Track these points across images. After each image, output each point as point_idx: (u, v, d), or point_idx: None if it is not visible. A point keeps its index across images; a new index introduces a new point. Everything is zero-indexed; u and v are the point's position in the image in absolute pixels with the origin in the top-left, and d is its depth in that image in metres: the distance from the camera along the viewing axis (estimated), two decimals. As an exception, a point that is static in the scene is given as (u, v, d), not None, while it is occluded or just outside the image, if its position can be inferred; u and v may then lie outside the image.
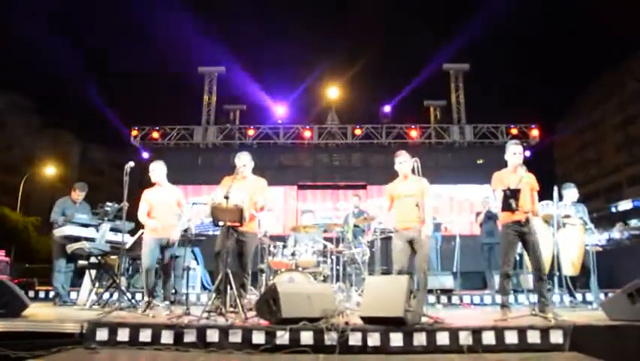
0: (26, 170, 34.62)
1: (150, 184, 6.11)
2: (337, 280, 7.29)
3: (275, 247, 6.94)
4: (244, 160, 5.70)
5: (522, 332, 4.06)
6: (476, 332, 4.05)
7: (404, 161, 5.62)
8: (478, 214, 9.40)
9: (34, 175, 36.30)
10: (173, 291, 8.08)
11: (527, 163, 5.38)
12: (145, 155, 15.50)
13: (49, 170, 37.87)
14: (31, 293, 8.79)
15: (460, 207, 14.42)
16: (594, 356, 3.72)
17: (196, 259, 9.35)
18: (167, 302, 5.91)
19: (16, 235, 25.06)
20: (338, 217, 9.81)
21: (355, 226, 8.15)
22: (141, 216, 5.95)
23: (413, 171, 5.31)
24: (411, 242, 5.40)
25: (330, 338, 3.99)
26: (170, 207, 6.01)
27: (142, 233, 6.31)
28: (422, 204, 5.41)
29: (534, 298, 5.33)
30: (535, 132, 15.24)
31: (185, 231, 7.24)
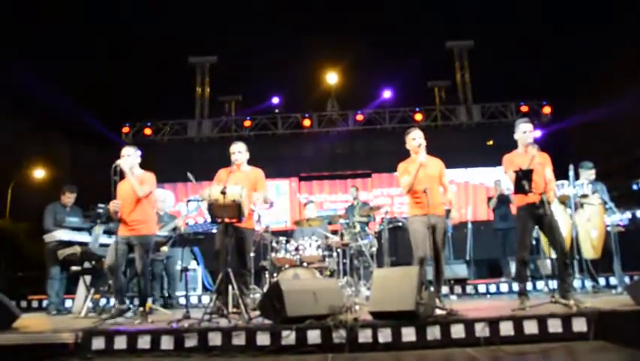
0: (15, 174, 34.45)
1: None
2: (344, 274, 7.26)
3: (277, 242, 6.90)
4: (239, 147, 5.79)
5: (542, 321, 4.02)
6: (493, 323, 4.01)
7: (418, 137, 5.42)
8: (490, 198, 9.37)
9: (24, 179, 36.19)
10: (167, 295, 8.03)
11: (540, 143, 5.31)
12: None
13: (39, 173, 37.76)
14: (24, 303, 8.78)
15: (476, 191, 14.35)
16: (622, 345, 3.67)
17: (196, 259, 9.34)
18: (140, 308, 5.22)
19: (5, 243, 24.97)
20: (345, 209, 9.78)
21: (362, 216, 8.12)
22: None
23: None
24: (432, 228, 5.13)
25: (339, 336, 3.97)
26: (131, 201, 5.48)
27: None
28: (445, 187, 5.42)
29: (553, 284, 5.28)
30: (547, 110, 15.09)
31: (174, 230, 7.19)
